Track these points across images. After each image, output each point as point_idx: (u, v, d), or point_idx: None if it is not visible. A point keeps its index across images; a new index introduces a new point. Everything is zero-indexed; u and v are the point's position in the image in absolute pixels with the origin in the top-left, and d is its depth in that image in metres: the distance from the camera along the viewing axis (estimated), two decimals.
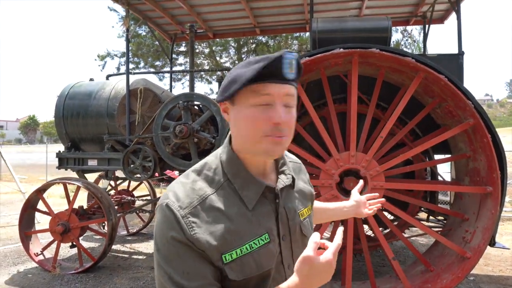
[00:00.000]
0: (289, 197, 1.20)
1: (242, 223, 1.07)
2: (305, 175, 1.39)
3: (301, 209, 1.24)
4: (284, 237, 1.15)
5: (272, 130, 1.04)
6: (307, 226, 1.24)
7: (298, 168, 1.35)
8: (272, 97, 1.04)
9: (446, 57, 4.62)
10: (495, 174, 3.82)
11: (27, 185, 13.82)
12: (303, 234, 1.21)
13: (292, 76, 1.07)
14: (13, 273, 5.33)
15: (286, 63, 1.04)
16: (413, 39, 12.25)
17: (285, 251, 1.15)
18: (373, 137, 4.69)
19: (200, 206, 1.05)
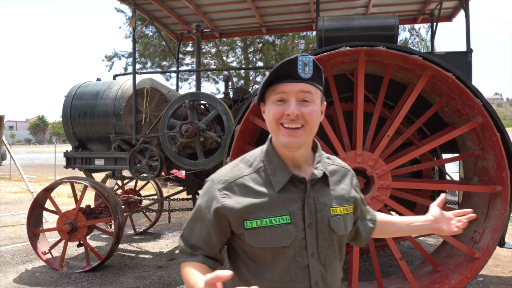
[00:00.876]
0: (322, 192, 1.35)
1: (267, 201, 1.28)
2: (352, 181, 1.49)
3: (335, 206, 1.36)
4: (311, 225, 1.31)
5: (286, 120, 1.25)
6: (338, 223, 1.35)
7: (343, 172, 1.47)
8: (287, 94, 1.26)
9: (454, 55, 4.57)
10: (505, 173, 3.77)
11: (36, 184, 13.94)
12: (331, 228, 1.34)
13: (307, 75, 1.25)
14: (22, 271, 5.37)
15: (300, 64, 1.24)
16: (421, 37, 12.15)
17: (310, 238, 1.31)
18: (380, 136, 4.65)
19: (234, 183, 1.32)
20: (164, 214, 8.33)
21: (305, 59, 1.25)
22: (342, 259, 1.45)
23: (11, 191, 13.51)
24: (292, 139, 1.26)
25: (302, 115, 1.24)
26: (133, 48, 6.08)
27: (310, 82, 1.26)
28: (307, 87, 1.25)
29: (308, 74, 1.25)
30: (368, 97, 4.85)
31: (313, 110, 1.27)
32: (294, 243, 1.28)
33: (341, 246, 1.41)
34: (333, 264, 1.37)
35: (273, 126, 1.30)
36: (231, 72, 12.92)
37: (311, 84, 1.26)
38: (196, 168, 5.27)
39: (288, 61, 1.24)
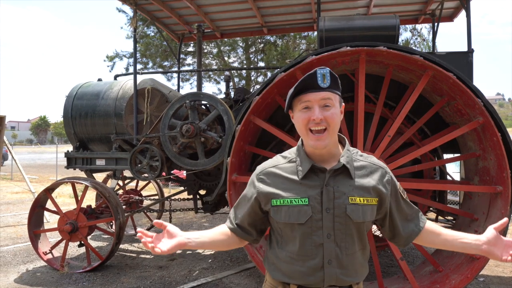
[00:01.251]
0: (342, 182, 1.56)
1: (291, 186, 1.59)
2: (382, 177, 1.63)
3: (354, 196, 1.55)
4: (328, 209, 1.54)
5: (312, 124, 1.52)
6: (355, 211, 1.54)
7: (373, 168, 1.63)
8: (311, 102, 1.52)
9: (455, 55, 4.56)
10: (505, 173, 3.76)
11: (37, 185, 13.98)
12: (347, 214, 1.53)
13: (326, 84, 1.50)
14: (22, 271, 5.38)
15: (319, 76, 1.49)
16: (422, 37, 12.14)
17: (326, 221, 1.54)
18: (380, 136, 4.65)
19: (269, 169, 1.67)
20: (165, 214, 8.33)
21: (323, 72, 1.50)
22: (364, 248, 1.63)
23: (13, 191, 13.54)
24: (319, 142, 1.52)
25: (325, 118, 1.49)
26: (134, 48, 6.09)
27: (329, 90, 1.50)
28: (327, 94, 1.50)
29: (327, 83, 1.49)
30: (369, 97, 4.85)
31: (334, 113, 1.51)
32: (309, 222, 1.54)
33: (360, 234, 1.59)
34: (350, 248, 1.56)
35: (302, 131, 1.57)
36: (233, 72, 12.92)
37: (330, 91, 1.51)
38: (197, 168, 5.27)
39: (309, 75, 1.50)
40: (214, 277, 5.15)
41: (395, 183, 1.67)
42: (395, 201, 1.66)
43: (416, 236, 1.70)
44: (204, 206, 5.96)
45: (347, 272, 1.56)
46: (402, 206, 1.69)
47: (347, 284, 1.57)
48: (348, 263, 1.55)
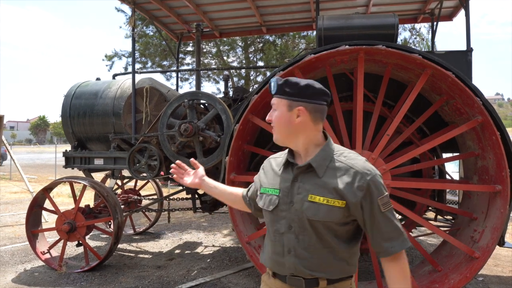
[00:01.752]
0: (308, 179, 1.64)
1: (273, 177, 1.78)
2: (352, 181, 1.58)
3: (315, 194, 1.60)
4: (292, 203, 1.65)
5: None
6: (311, 209, 1.60)
7: (349, 172, 1.59)
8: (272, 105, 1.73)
9: (454, 54, 4.55)
10: (504, 172, 3.75)
11: (36, 185, 13.95)
12: (303, 211, 1.61)
13: (272, 91, 1.69)
14: (20, 271, 5.36)
15: (270, 84, 1.72)
16: (421, 37, 12.12)
17: (289, 213, 1.66)
18: (379, 135, 4.64)
19: (270, 160, 1.89)
20: (164, 214, 8.32)
21: (272, 80, 1.70)
22: (331, 247, 1.62)
23: (11, 191, 13.51)
24: (274, 136, 1.73)
25: (271, 119, 1.70)
26: (133, 48, 6.07)
27: (276, 95, 1.69)
28: (273, 100, 1.71)
29: (274, 90, 1.68)
30: (368, 96, 4.84)
31: (277, 116, 1.67)
32: (276, 211, 1.70)
33: (321, 232, 1.60)
34: (308, 242, 1.62)
35: None
36: (232, 72, 12.89)
37: (276, 97, 1.69)
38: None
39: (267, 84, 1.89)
40: (212, 276, 5.14)
41: (373, 192, 1.57)
42: (370, 212, 1.57)
43: (384, 258, 1.62)
44: (203, 206, 5.95)
45: (307, 264, 1.61)
46: (377, 219, 1.58)
47: (307, 275, 1.62)
48: (308, 256, 1.61)
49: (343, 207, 1.57)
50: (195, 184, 2.11)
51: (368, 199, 1.56)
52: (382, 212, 1.57)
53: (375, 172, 1.60)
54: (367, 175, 1.57)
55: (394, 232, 1.59)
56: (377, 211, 1.57)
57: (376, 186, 1.57)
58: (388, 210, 1.59)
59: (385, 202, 1.58)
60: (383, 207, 1.57)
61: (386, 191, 1.60)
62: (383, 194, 1.58)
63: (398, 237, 1.59)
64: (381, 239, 1.59)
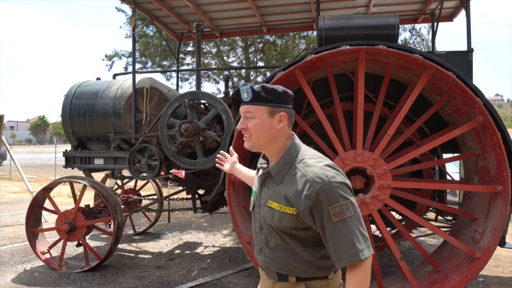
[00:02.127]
0: (271, 185, 1.71)
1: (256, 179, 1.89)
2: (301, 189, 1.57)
3: (272, 200, 1.67)
4: (259, 206, 1.76)
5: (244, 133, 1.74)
6: (268, 214, 1.68)
7: (302, 180, 1.58)
8: (241, 114, 1.74)
9: (455, 55, 4.55)
10: (505, 172, 3.75)
11: (36, 184, 13.94)
12: (264, 215, 1.72)
13: (247, 99, 1.68)
14: (20, 271, 5.35)
15: (241, 93, 1.70)
16: (421, 37, 12.11)
17: (260, 215, 1.76)
18: (380, 135, 4.64)
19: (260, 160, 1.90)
20: (164, 214, 8.32)
21: (244, 88, 1.68)
22: (291, 249, 1.66)
23: (11, 191, 13.50)
24: (246, 143, 1.74)
25: (248, 127, 1.69)
26: (133, 48, 6.06)
27: (252, 103, 1.68)
28: (248, 108, 1.69)
29: (247, 97, 1.68)
30: (369, 97, 4.83)
31: (255, 123, 1.67)
32: (253, 212, 1.83)
33: (280, 235, 1.67)
34: (273, 243, 1.71)
35: None
36: (232, 72, 12.89)
37: (252, 104, 1.68)
38: (196, 168, 5.25)
39: (235, 91, 1.73)
40: (212, 277, 5.13)
41: (322, 201, 1.51)
42: (320, 221, 1.53)
43: None
44: (203, 206, 5.94)
45: (274, 263, 1.72)
46: (328, 229, 1.51)
47: (274, 270, 1.72)
48: (274, 256, 1.71)
49: (294, 214, 1.59)
50: (228, 170, 2.45)
51: (318, 208, 1.52)
52: (333, 222, 1.50)
53: (328, 180, 1.52)
54: (317, 184, 1.52)
55: (344, 245, 1.49)
56: (327, 221, 1.51)
57: (327, 195, 1.50)
58: (340, 220, 1.50)
59: (337, 211, 1.50)
60: (334, 217, 1.50)
61: (341, 200, 1.51)
62: (335, 203, 1.50)
63: (347, 250, 1.49)
64: (331, 250, 1.53)
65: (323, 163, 1.60)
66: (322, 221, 1.53)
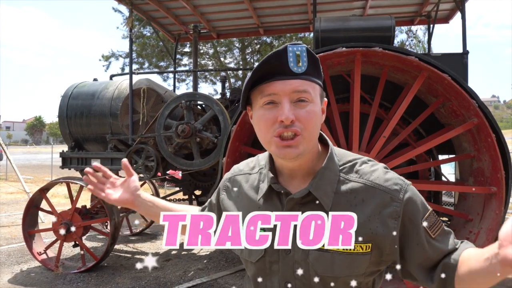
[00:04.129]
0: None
1: (248, 207, 1.13)
2: (379, 207, 1.02)
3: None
4: (288, 251, 1.05)
5: (280, 129, 1.01)
6: (321, 260, 1.03)
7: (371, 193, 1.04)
8: (277, 95, 1.01)
9: (450, 57, 4.58)
10: (500, 174, 3.78)
11: (32, 185, 13.90)
12: (310, 264, 1.04)
13: (301, 69, 1.00)
14: (16, 272, 5.35)
15: (291, 56, 1.00)
16: (418, 39, 12.19)
17: (284, 266, 1.07)
18: (376, 136, 4.66)
19: (232, 180, 1.25)
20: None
21: (297, 49, 1.00)
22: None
23: (7, 192, 13.46)
24: (289, 150, 1.01)
25: (299, 119, 1.00)
26: (130, 48, 6.07)
27: (306, 77, 1.01)
28: (302, 84, 1.00)
29: (302, 67, 1.00)
30: (365, 98, 4.86)
31: (312, 111, 1.02)
32: (262, 263, 1.10)
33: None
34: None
35: (265, 137, 1.06)
36: (229, 73, 12.93)
37: (306, 79, 1.01)
38: (192, 169, 5.26)
39: (276, 54, 1.00)
40: (209, 277, 5.14)
41: (414, 215, 1.03)
42: (416, 242, 1.04)
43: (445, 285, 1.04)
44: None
45: None
46: (426, 249, 1.05)
47: None
48: None
49: (369, 253, 1.03)
50: (123, 200, 1.38)
51: (409, 228, 1.04)
52: (434, 238, 1.04)
53: (406, 184, 1.06)
54: (398, 195, 1.03)
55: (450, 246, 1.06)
56: (425, 240, 1.04)
57: (416, 203, 1.05)
58: (439, 233, 1.06)
59: (433, 222, 1.05)
60: (433, 230, 1.05)
61: (428, 208, 1.07)
62: (427, 211, 1.06)
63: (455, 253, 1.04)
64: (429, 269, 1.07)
65: (380, 165, 1.12)
66: (420, 243, 1.04)
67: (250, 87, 1.05)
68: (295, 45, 1.01)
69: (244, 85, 1.06)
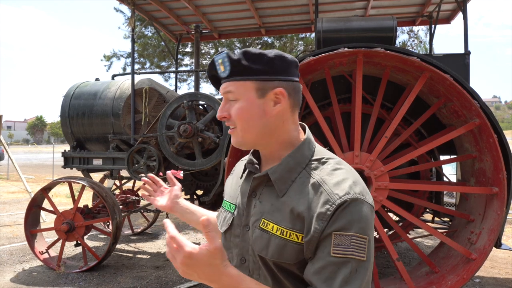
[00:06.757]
0: (267, 196, 1.14)
1: (233, 186, 1.31)
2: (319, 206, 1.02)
3: (268, 220, 1.09)
4: (246, 227, 1.16)
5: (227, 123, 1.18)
6: (259, 240, 1.10)
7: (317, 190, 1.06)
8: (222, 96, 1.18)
9: (452, 57, 4.58)
10: (501, 174, 3.78)
11: (33, 185, 13.92)
12: (252, 242, 1.12)
13: (225, 74, 1.14)
14: (19, 271, 5.36)
15: (217, 65, 1.15)
16: (419, 40, 12.18)
17: (242, 241, 1.17)
18: (377, 137, 4.66)
19: (239, 164, 1.38)
20: (162, 215, 8.33)
21: (218, 58, 1.14)
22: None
23: (9, 191, 13.48)
24: (232, 139, 1.19)
25: (232, 115, 1.14)
26: (132, 48, 6.08)
27: (232, 78, 1.14)
28: (227, 86, 1.15)
29: (226, 71, 1.13)
30: (366, 99, 4.86)
31: (239, 108, 1.13)
32: (228, 235, 1.22)
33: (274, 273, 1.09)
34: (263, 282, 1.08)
35: None
36: None
37: (231, 80, 1.14)
38: (194, 169, 5.27)
39: (209, 65, 1.19)
40: None
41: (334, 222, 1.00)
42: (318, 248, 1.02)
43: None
44: (201, 207, 5.96)
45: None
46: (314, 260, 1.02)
47: None
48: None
49: (301, 244, 1.04)
50: (164, 206, 1.58)
51: (324, 234, 1.00)
52: (330, 255, 0.98)
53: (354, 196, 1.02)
54: (337, 197, 1.02)
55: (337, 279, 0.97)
56: (322, 251, 1.00)
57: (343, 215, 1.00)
58: (340, 257, 0.98)
59: (342, 243, 0.98)
60: (335, 250, 0.98)
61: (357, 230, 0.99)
62: (346, 230, 0.99)
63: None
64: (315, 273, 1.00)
65: (352, 174, 1.10)
66: (317, 250, 1.02)
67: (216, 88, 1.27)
68: (218, 54, 1.15)
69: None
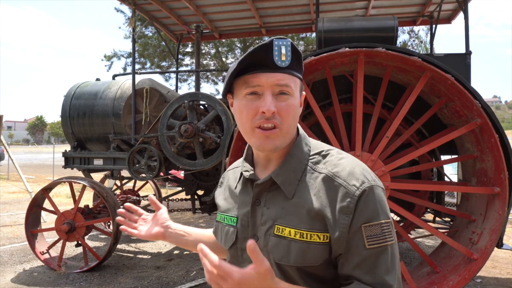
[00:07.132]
0: (275, 201, 1.08)
1: (230, 197, 1.23)
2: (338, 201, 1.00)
3: (283, 224, 1.04)
4: (256, 238, 1.09)
5: (261, 120, 1.03)
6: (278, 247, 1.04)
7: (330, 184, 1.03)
8: (261, 87, 1.03)
9: (453, 57, 4.58)
10: (503, 174, 3.77)
11: (34, 185, 13.92)
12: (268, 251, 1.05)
13: (285, 63, 1.03)
14: (19, 271, 5.36)
15: (277, 50, 1.02)
16: (420, 39, 12.18)
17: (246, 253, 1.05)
18: (379, 137, 4.66)
19: (227, 174, 1.33)
20: None
21: (282, 43, 1.03)
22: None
23: (9, 191, 13.48)
24: (267, 141, 1.05)
25: (279, 111, 1.03)
26: (133, 48, 6.08)
27: (288, 71, 1.04)
28: (284, 77, 1.03)
29: (286, 61, 1.03)
30: (367, 98, 4.86)
31: (291, 105, 1.05)
32: (234, 250, 1.15)
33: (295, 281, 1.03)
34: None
35: (246, 126, 1.08)
36: None
37: (289, 73, 1.04)
38: (195, 169, 5.27)
39: (262, 47, 1.02)
40: None
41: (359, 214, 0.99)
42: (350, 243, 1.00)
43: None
44: (202, 207, 5.96)
45: None
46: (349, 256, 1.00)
47: None
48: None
49: (327, 243, 1.01)
50: (154, 234, 1.39)
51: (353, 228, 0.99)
52: (366, 248, 0.98)
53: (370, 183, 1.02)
54: (355, 188, 1.00)
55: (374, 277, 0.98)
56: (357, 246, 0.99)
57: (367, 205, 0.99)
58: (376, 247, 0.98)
59: (375, 233, 0.98)
60: (369, 242, 0.98)
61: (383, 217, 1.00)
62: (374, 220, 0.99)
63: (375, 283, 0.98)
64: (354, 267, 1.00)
65: (356, 160, 1.09)
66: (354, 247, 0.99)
67: (235, 76, 1.08)
68: (281, 39, 1.03)
69: (229, 74, 1.07)
